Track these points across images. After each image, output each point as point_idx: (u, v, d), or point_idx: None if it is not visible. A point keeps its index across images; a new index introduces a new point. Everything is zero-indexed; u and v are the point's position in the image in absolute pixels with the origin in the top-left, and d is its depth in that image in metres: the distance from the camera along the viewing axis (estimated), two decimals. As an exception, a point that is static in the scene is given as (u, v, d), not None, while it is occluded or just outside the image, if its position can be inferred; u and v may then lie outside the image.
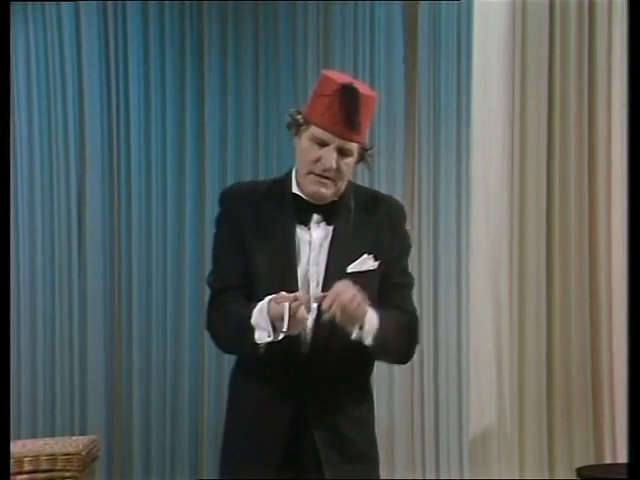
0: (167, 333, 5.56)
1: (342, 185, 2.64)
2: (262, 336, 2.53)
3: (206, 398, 5.52)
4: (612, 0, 4.78)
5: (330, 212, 2.66)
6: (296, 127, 2.65)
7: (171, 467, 5.55)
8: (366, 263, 2.64)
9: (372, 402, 2.77)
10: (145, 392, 5.55)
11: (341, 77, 2.63)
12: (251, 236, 2.65)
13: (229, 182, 5.50)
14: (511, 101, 4.81)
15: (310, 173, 2.61)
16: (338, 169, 2.60)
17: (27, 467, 4.30)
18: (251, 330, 2.54)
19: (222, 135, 5.59)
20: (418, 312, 2.78)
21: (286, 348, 2.56)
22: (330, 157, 2.57)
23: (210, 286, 2.75)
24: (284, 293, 2.50)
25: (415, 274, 2.95)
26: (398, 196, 4.29)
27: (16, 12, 5.41)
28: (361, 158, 2.67)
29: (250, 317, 2.55)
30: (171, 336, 5.56)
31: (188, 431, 5.53)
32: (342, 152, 2.60)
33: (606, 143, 4.81)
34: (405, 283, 2.75)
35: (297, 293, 2.50)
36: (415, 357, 2.71)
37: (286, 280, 2.60)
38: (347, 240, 2.64)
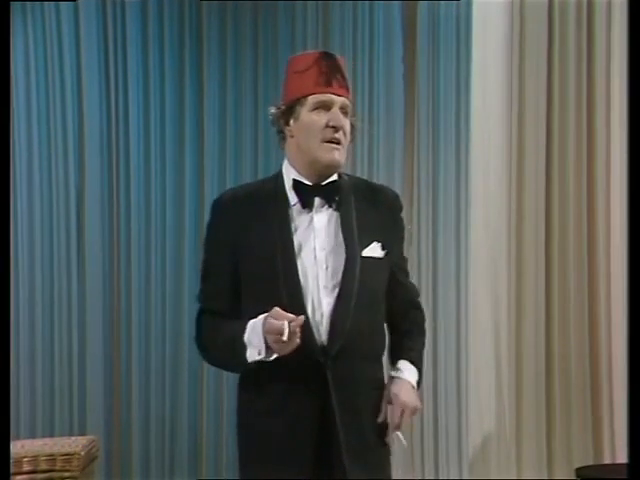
0: (166, 333, 5.55)
1: (345, 151, 2.63)
2: (253, 354, 2.48)
3: (205, 398, 5.52)
4: (611, 0, 4.78)
5: (331, 194, 2.63)
6: (285, 116, 2.67)
7: (170, 467, 5.54)
8: (376, 251, 2.64)
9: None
10: (144, 392, 5.54)
11: (310, 52, 2.71)
12: (243, 239, 2.61)
13: (228, 183, 5.51)
14: (510, 101, 4.82)
15: (324, 142, 2.59)
16: (343, 131, 2.60)
17: (26, 467, 4.28)
18: (243, 347, 2.49)
19: (221, 134, 5.58)
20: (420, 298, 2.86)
21: (304, 345, 2.48)
22: (338, 116, 2.59)
23: (200, 301, 2.70)
24: (279, 310, 2.43)
25: (414, 274, 2.96)
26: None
27: (15, 12, 5.40)
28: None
29: (243, 334, 2.50)
30: (170, 336, 5.55)
31: (187, 431, 5.52)
32: (344, 111, 2.61)
33: (605, 142, 4.81)
34: (407, 279, 2.79)
35: (292, 315, 2.41)
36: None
37: (286, 270, 2.55)
38: (355, 225, 2.63)
